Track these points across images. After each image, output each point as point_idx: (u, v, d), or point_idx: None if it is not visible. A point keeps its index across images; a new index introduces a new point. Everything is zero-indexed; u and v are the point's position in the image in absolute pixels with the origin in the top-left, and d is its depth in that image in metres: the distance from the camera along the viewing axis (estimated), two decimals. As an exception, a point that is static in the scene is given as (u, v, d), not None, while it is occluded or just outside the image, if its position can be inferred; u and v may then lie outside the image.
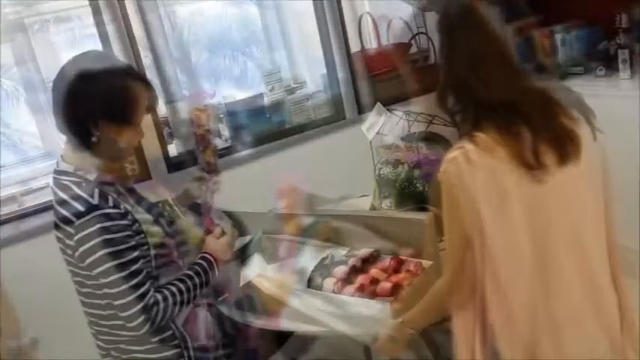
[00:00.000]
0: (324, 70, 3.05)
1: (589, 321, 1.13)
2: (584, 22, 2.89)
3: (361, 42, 3.27)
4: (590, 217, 1.13)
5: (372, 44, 3.45)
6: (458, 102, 1.10)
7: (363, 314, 1.43)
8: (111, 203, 1.26)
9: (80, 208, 1.24)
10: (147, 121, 1.99)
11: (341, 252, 1.74)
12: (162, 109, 2.87)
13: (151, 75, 3.37)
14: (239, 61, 4.58)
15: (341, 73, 3.02)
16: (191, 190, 1.59)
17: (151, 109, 1.42)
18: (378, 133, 1.76)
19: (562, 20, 2.95)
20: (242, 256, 1.77)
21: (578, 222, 1.10)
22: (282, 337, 1.85)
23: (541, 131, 1.04)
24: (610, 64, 2.69)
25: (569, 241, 1.09)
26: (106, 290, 1.26)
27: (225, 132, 3.00)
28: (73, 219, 1.23)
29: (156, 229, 1.34)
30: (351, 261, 1.65)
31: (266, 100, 3.01)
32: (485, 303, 1.09)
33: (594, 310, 1.13)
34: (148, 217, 1.35)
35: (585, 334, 1.13)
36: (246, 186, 2.76)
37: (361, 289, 1.52)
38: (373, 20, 3.24)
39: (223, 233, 1.50)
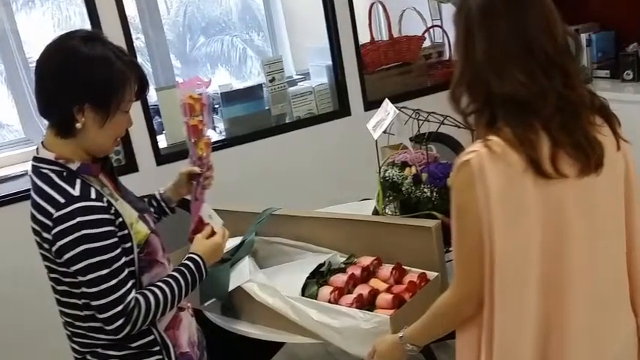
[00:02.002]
0: (330, 62, 3.05)
1: (600, 342, 1.13)
2: (611, 22, 2.89)
3: (371, 33, 3.28)
4: (609, 233, 1.13)
5: (382, 36, 3.46)
6: (472, 102, 1.10)
7: (360, 327, 1.43)
8: (93, 195, 1.26)
9: (60, 199, 1.23)
10: (136, 108, 1.99)
11: (339, 259, 1.75)
12: (153, 96, 2.88)
13: (142, 59, 3.38)
14: (238, 48, 4.58)
15: (348, 66, 3.02)
16: (180, 186, 1.59)
17: (141, 95, 1.41)
18: (384, 132, 1.75)
19: (588, 19, 2.95)
20: (232, 258, 1.77)
21: (595, 237, 1.10)
22: (272, 347, 1.85)
23: (561, 137, 1.04)
24: (639, 68, 2.69)
25: (583, 257, 1.09)
26: (83, 289, 1.26)
27: (220, 124, 3.01)
28: (52, 210, 1.23)
29: (141, 226, 1.34)
30: (350, 269, 1.66)
31: (265, 91, 3.01)
32: (492, 319, 1.09)
33: (606, 332, 1.13)
34: (134, 212, 1.35)
35: (595, 356, 1.13)
36: (240, 183, 2.77)
37: (359, 300, 1.52)
38: (385, 10, 3.25)
39: (213, 233, 1.50)
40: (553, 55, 1.05)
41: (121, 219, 1.28)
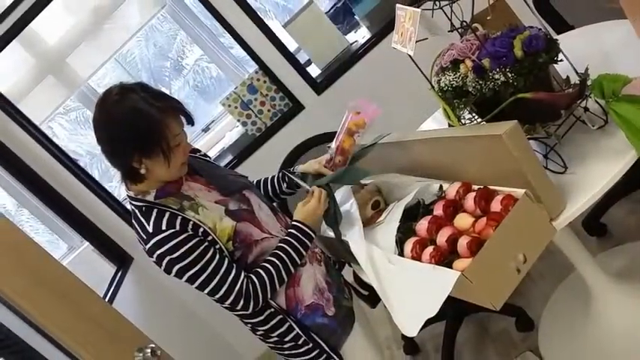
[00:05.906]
0: None
1: None
2: None
3: None
4: None
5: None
6: None
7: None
8: (164, 226, 1.42)
9: (142, 235, 1.46)
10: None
11: (434, 186, 1.62)
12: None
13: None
14: None
15: None
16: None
17: (190, 122, 1.49)
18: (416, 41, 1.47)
19: None
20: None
21: None
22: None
23: None
24: None
25: None
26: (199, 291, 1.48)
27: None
28: (143, 244, 1.48)
29: (226, 222, 1.48)
30: (437, 206, 1.51)
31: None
32: None
33: None
34: (217, 210, 1.49)
35: None
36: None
37: (436, 254, 1.40)
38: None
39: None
40: None
41: (202, 228, 1.44)
